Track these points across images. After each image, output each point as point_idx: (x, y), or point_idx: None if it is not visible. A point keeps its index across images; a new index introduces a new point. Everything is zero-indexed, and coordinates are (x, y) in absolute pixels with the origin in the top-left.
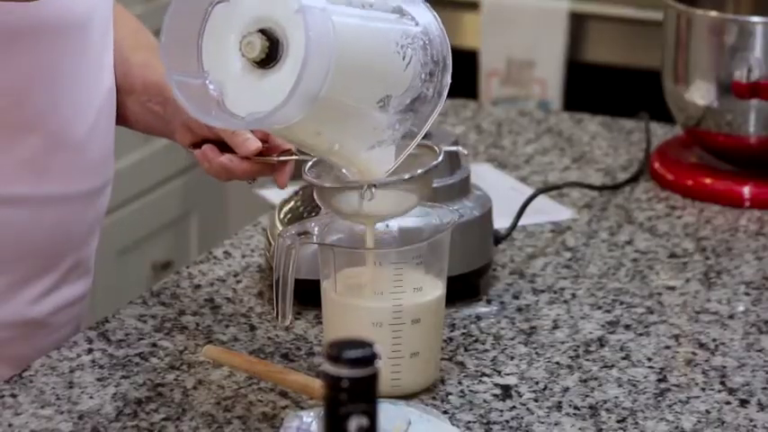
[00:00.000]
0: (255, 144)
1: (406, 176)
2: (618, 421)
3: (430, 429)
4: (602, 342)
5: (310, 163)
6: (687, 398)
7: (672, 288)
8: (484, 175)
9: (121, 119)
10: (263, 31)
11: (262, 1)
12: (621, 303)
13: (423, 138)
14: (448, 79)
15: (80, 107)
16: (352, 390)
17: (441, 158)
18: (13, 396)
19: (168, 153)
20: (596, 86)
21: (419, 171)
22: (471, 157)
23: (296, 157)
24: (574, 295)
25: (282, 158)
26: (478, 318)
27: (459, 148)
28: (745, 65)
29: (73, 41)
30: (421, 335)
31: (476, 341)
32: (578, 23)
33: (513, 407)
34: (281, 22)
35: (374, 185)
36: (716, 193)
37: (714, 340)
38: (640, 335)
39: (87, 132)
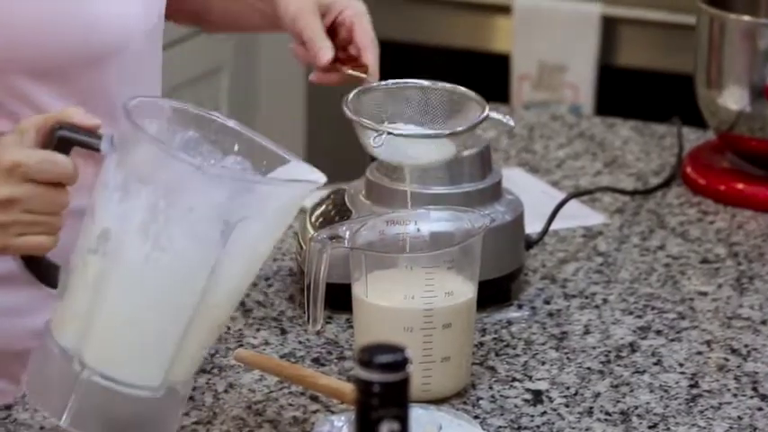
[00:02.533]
0: (327, 56)
1: (447, 132)
2: (649, 427)
3: None
4: (633, 347)
5: (351, 95)
6: (719, 404)
7: (704, 294)
8: (515, 179)
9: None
10: None
11: None
12: (653, 309)
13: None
14: None
15: None
16: (384, 394)
17: (484, 115)
18: None
19: None
20: (628, 91)
21: (459, 128)
22: (503, 161)
23: (364, 76)
24: (605, 300)
25: (353, 73)
26: (509, 322)
27: (507, 118)
28: None
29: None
30: (452, 339)
31: (507, 346)
32: (610, 27)
33: (544, 412)
34: None
35: (387, 132)
36: (748, 199)
37: (746, 346)
38: (672, 340)
39: None
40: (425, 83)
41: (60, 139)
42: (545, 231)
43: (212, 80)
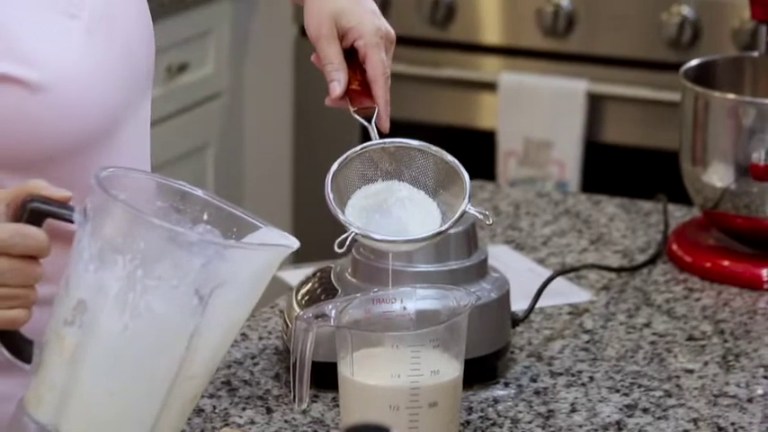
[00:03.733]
0: (335, 92)
1: (419, 237)
2: None
3: None
4: (620, 426)
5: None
6: None
7: (690, 371)
8: (501, 256)
9: None
10: None
11: None
12: (640, 386)
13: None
14: None
15: None
16: None
17: (460, 213)
18: None
19: None
20: (614, 168)
21: (430, 233)
22: (489, 238)
23: (366, 123)
24: (592, 378)
25: (357, 115)
26: (496, 401)
27: (485, 215)
28: (763, 147)
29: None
30: (438, 418)
31: (493, 424)
32: (596, 104)
33: None
34: None
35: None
36: (734, 276)
37: (733, 424)
38: (659, 418)
39: None
40: (418, 144)
41: (32, 211)
42: (531, 309)
43: (198, 157)
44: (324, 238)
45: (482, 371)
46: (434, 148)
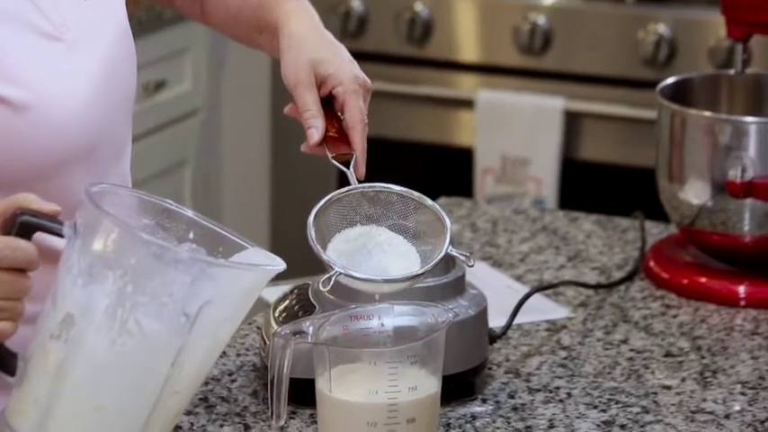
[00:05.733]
0: (313, 139)
1: (401, 277)
2: None
3: None
4: None
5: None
6: None
7: (668, 387)
8: (479, 273)
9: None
10: None
11: None
12: (617, 403)
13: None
14: None
15: None
16: None
17: (441, 255)
18: None
19: None
20: (591, 185)
21: (412, 273)
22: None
23: (344, 169)
24: (569, 394)
25: (335, 161)
26: (474, 417)
27: (467, 257)
28: (740, 164)
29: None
30: None
31: None
32: (573, 122)
33: None
34: None
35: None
36: (711, 293)
37: None
38: None
39: None
40: (397, 189)
41: (22, 224)
42: (509, 325)
43: (176, 174)
44: (301, 255)
45: (460, 387)
46: (416, 194)
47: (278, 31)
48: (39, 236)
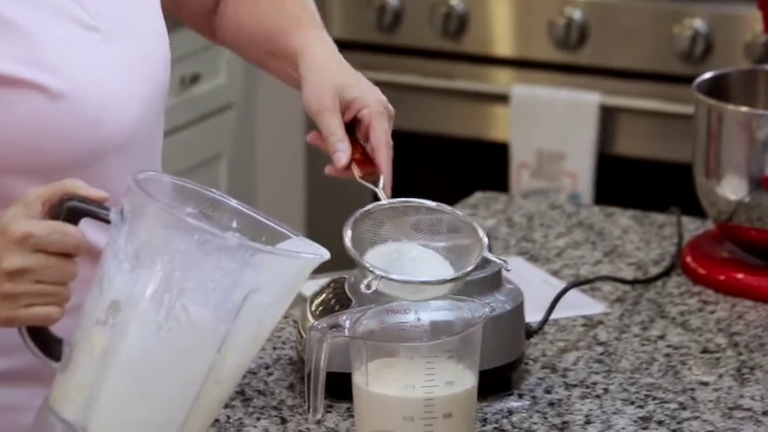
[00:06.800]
0: (341, 162)
1: (442, 279)
2: None
3: None
4: None
5: (352, 220)
6: None
7: (705, 384)
8: (515, 268)
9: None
10: None
11: None
12: (654, 399)
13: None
14: None
15: None
16: None
17: (479, 258)
18: None
19: None
20: (627, 180)
21: (457, 274)
22: (502, 250)
23: (373, 187)
24: (606, 390)
25: (363, 181)
26: (510, 412)
27: (503, 263)
28: None
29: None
30: (453, 429)
31: None
32: (609, 116)
33: None
34: None
35: (381, 277)
36: (748, 289)
37: None
38: (673, 431)
39: None
40: (430, 204)
41: (70, 209)
42: (545, 320)
43: (211, 167)
44: (337, 249)
45: (496, 382)
46: (448, 208)
47: (297, 58)
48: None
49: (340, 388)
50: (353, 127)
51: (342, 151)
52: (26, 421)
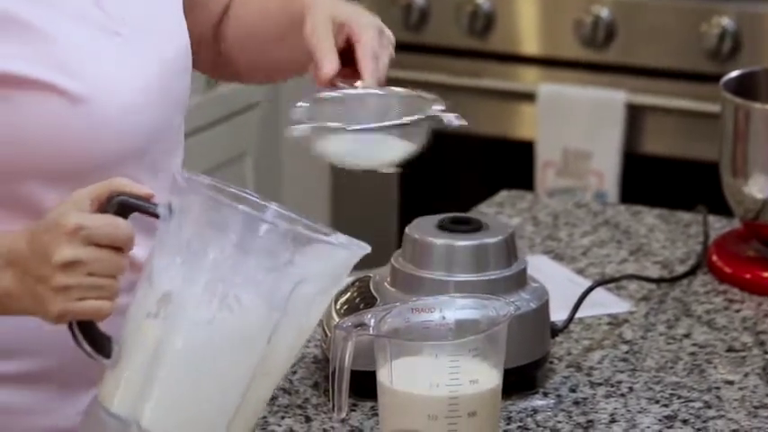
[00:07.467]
0: (323, 69)
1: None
2: None
3: None
4: None
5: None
6: None
7: (730, 382)
8: (540, 266)
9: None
10: None
11: None
12: (679, 398)
13: None
14: None
15: None
16: None
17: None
18: None
19: None
20: (653, 178)
21: (400, 121)
22: (528, 248)
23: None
24: (631, 389)
25: (341, 85)
26: (535, 411)
27: (452, 117)
28: None
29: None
30: (477, 427)
31: None
32: (635, 115)
33: None
34: None
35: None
36: None
37: None
38: (698, 430)
39: None
40: (378, 90)
41: (120, 204)
42: (570, 319)
43: (237, 166)
44: None
45: (521, 381)
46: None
47: (305, 14)
48: None
49: (364, 386)
50: (352, 59)
51: (327, 60)
52: (38, 424)
